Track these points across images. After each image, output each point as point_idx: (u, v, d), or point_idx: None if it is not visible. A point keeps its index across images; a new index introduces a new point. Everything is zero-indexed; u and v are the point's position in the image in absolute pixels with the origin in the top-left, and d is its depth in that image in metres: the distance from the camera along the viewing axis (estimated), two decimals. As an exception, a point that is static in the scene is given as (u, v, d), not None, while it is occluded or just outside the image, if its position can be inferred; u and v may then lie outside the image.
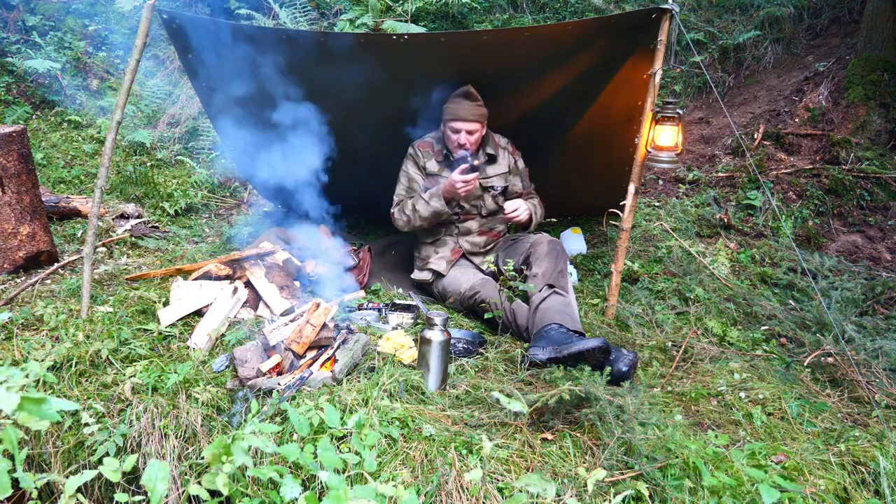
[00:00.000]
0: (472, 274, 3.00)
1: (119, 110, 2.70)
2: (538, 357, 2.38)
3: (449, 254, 3.13)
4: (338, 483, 1.19)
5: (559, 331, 2.46)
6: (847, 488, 1.88)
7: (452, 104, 2.97)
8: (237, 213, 4.45)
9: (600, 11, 6.30)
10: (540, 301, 2.63)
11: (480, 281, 2.92)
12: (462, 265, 3.12)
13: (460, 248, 3.15)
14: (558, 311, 2.56)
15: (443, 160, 3.11)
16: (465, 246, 3.16)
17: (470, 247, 3.16)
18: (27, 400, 0.86)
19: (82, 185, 4.50)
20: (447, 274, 3.08)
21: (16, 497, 2.12)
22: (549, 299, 2.63)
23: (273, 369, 2.29)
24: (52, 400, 0.87)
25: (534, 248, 2.89)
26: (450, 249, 3.14)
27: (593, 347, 2.29)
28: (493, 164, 3.14)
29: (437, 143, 3.15)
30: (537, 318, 2.59)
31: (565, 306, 2.61)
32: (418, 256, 3.25)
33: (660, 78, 2.70)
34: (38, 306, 2.68)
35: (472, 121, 2.95)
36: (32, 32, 5.51)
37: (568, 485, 1.77)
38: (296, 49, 2.96)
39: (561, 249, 2.85)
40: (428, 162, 3.15)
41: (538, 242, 2.90)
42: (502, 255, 3.12)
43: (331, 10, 6.28)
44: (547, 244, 2.86)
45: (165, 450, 2.06)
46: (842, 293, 3.18)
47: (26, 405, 0.86)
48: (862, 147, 4.61)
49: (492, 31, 3.30)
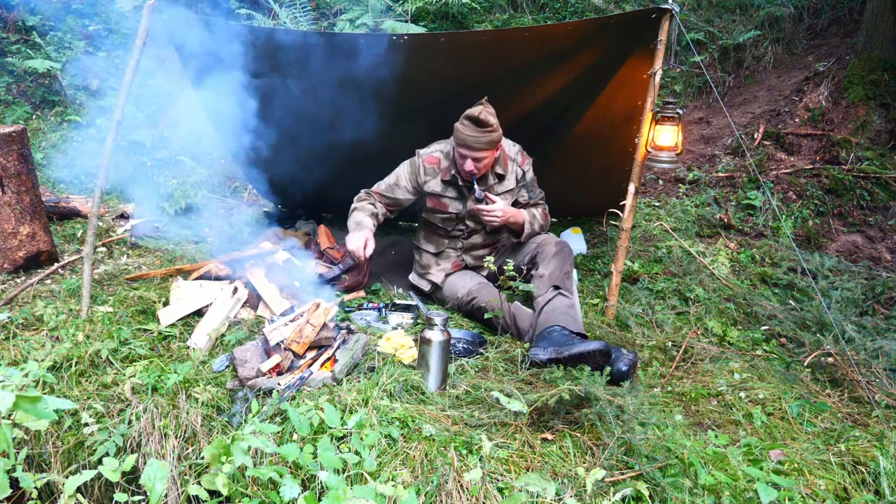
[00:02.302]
0: (469, 279, 2.98)
1: (119, 110, 2.70)
2: (539, 357, 2.38)
3: (450, 267, 3.10)
4: (337, 483, 1.19)
5: (561, 332, 2.46)
6: (847, 488, 1.88)
7: (462, 127, 2.75)
8: (237, 213, 4.45)
9: (600, 11, 6.30)
10: (545, 302, 2.62)
11: (477, 286, 2.90)
12: (457, 272, 3.09)
13: (462, 261, 3.11)
14: (562, 313, 2.56)
15: (449, 180, 2.94)
16: (468, 261, 3.11)
17: (473, 261, 3.11)
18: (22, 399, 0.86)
19: (82, 185, 4.50)
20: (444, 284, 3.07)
21: (16, 497, 2.12)
22: (554, 301, 2.62)
23: (273, 369, 2.28)
24: (48, 399, 0.87)
25: (541, 249, 2.86)
26: (451, 263, 3.10)
27: (594, 350, 2.29)
28: (502, 182, 2.99)
29: (445, 158, 2.96)
30: (541, 319, 2.58)
31: (569, 308, 2.60)
32: (418, 262, 3.21)
33: (660, 78, 2.70)
34: (38, 306, 2.68)
35: (479, 150, 2.74)
36: (32, 32, 5.51)
37: (568, 485, 1.77)
38: (296, 49, 2.96)
39: (569, 251, 2.82)
40: (431, 180, 2.97)
41: (546, 243, 2.87)
42: (505, 255, 3.07)
43: (331, 10, 6.28)
44: (555, 245, 2.83)
45: (165, 450, 2.06)
46: (842, 293, 3.18)
47: (22, 404, 0.86)
48: (862, 147, 4.61)
49: (492, 31, 3.31)
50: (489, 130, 2.71)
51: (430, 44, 3.00)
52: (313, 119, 3.23)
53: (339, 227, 3.87)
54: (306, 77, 3.11)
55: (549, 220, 3.11)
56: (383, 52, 2.94)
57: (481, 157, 2.77)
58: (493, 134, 2.73)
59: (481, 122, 2.69)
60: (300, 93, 3.15)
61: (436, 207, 3.01)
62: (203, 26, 2.97)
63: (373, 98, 3.05)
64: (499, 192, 2.96)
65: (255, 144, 3.55)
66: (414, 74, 3.03)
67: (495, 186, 2.96)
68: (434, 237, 3.11)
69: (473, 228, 3.04)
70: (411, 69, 3.00)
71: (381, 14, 5.78)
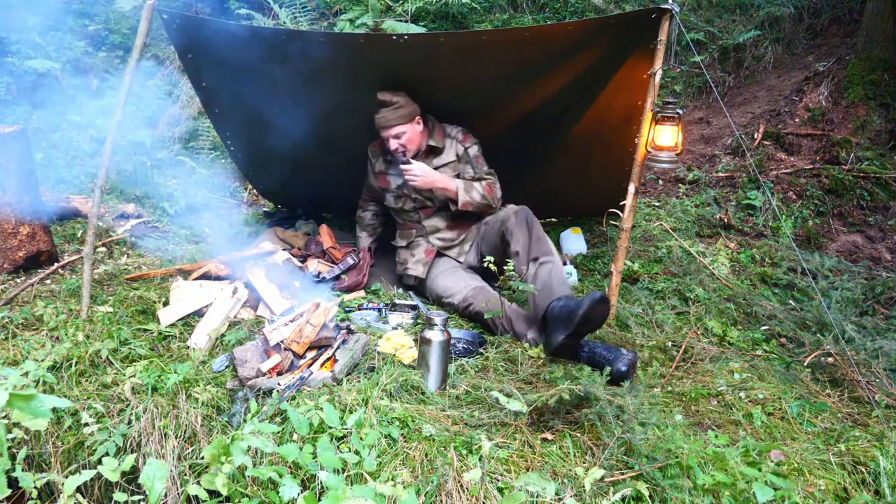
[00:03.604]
0: (464, 283, 2.97)
1: (119, 110, 2.70)
2: (558, 340, 2.39)
3: (423, 255, 3.15)
4: (336, 483, 1.19)
5: (558, 304, 2.49)
6: (847, 488, 1.88)
7: (375, 115, 2.97)
8: (237, 213, 4.45)
9: (600, 11, 6.30)
10: (533, 281, 2.63)
11: (472, 291, 2.90)
12: (446, 270, 3.09)
13: (433, 248, 3.16)
14: (552, 284, 2.58)
15: (390, 158, 3.15)
16: (436, 244, 3.16)
17: (442, 243, 3.16)
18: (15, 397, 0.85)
19: (82, 185, 4.50)
20: (428, 276, 3.11)
21: (15, 497, 2.12)
22: (539, 274, 2.63)
23: (273, 369, 2.29)
24: (43, 397, 0.87)
25: (504, 226, 2.83)
26: (423, 251, 3.16)
27: (595, 300, 2.33)
28: (439, 156, 3.10)
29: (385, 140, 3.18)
30: (538, 302, 2.59)
31: (551, 274, 2.62)
32: (398, 260, 3.28)
33: (660, 78, 2.70)
34: (38, 306, 2.68)
35: (392, 126, 2.95)
36: (32, 32, 5.51)
37: (568, 484, 1.77)
38: (296, 49, 2.95)
39: (527, 215, 2.79)
40: (377, 162, 3.24)
41: (505, 218, 2.84)
42: (482, 246, 3.08)
43: (331, 10, 6.28)
44: (513, 216, 2.80)
45: (165, 450, 2.06)
46: (842, 293, 3.18)
47: (15, 402, 0.85)
48: (862, 147, 4.61)
49: (492, 31, 3.31)
50: (396, 106, 2.93)
51: (430, 44, 3.00)
52: (313, 119, 3.22)
53: (339, 226, 3.87)
54: (306, 77, 3.11)
55: (494, 192, 3.07)
56: (385, 53, 2.95)
57: (399, 133, 2.97)
58: (402, 108, 2.94)
59: (384, 102, 2.93)
60: (299, 92, 3.15)
61: (384, 187, 3.23)
62: (205, 26, 2.97)
63: (372, 98, 3.05)
64: (437, 165, 3.09)
65: (255, 144, 3.55)
66: (414, 74, 3.03)
67: (433, 159, 3.10)
68: (404, 231, 3.26)
69: (423, 203, 3.14)
70: (411, 69, 3.01)
71: (380, 14, 5.78)
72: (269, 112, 3.23)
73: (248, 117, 3.39)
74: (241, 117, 3.45)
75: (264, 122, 3.21)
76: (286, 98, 3.18)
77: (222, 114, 3.47)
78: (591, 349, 2.51)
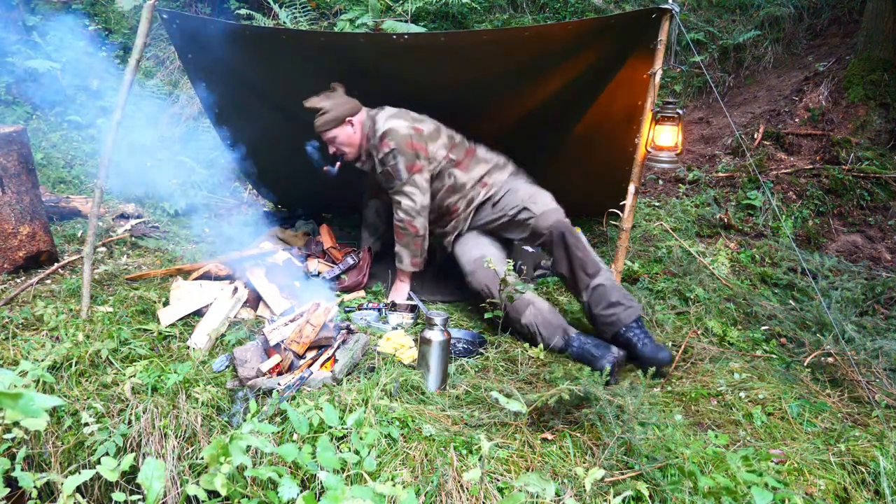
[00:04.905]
0: (476, 248, 2.91)
1: (119, 110, 2.70)
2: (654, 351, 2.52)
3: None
4: (336, 483, 1.19)
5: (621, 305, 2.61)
6: (847, 488, 1.88)
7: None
8: (237, 213, 4.45)
9: (600, 11, 6.30)
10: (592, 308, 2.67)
11: (474, 262, 2.83)
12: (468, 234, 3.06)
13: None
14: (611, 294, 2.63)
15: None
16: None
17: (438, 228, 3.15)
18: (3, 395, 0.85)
19: (82, 185, 4.50)
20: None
21: (15, 497, 2.12)
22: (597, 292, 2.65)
23: (273, 369, 2.28)
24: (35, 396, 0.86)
25: (536, 222, 2.82)
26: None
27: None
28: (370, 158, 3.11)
29: None
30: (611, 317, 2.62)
31: (603, 284, 2.65)
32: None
33: (660, 78, 2.70)
34: (38, 306, 2.68)
35: (323, 132, 2.97)
36: (32, 32, 5.51)
37: (567, 485, 1.77)
38: (295, 49, 2.96)
39: (564, 230, 2.74)
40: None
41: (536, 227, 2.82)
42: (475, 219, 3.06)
43: (331, 10, 6.28)
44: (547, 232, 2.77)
45: (165, 450, 2.06)
46: (842, 293, 3.18)
47: (4, 401, 0.85)
48: (862, 147, 4.61)
49: (492, 30, 3.31)
50: (321, 112, 2.94)
51: (430, 43, 3.00)
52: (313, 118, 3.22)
53: (340, 226, 3.87)
54: (306, 76, 3.11)
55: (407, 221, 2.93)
56: (385, 52, 2.95)
57: (331, 138, 2.99)
58: (327, 114, 2.93)
59: (310, 110, 2.95)
60: (299, 92, 3.15)
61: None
62: (205, 26, 2.97)
63: (373, 97, 3.05)
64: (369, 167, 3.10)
65: (254, 144, 3.54)
66: (413, 74, 3.03)
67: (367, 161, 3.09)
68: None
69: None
70: (411, 69, 3.00)
71: (380, 14, 5.77)
72: (268, 112, 3.23)
73: (248, 117, 3.39)
74: (241, 117, 3.45)
75: (264, 122, 3.21)
76: (286, 98, 3.18)
77: (222, 114, 3.47)
78: (581, 344, 2.52)
